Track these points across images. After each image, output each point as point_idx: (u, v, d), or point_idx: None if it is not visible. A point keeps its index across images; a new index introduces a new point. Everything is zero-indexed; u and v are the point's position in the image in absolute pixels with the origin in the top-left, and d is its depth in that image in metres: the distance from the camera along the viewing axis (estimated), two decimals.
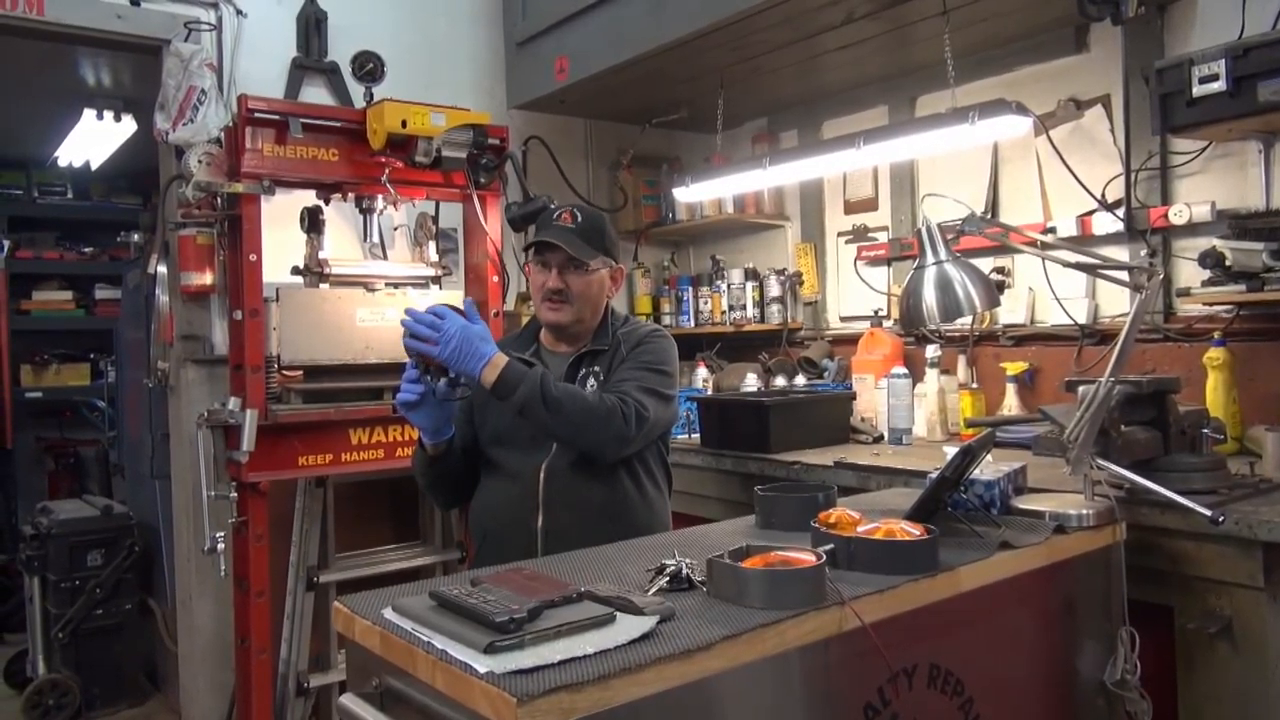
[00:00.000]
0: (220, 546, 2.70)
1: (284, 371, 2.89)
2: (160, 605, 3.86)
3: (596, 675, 1.08)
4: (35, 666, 3.70)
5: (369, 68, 3.32)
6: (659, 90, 3.55)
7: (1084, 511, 1.74)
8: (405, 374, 1.90)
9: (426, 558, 3.28)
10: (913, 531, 1.50)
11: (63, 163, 5.57)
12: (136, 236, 4.24)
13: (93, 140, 4.98)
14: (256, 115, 2.74)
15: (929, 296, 1.76)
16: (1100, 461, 1.81)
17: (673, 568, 1.41)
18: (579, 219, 2.08)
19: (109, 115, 4.45)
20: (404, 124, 2.81)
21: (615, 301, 2.23)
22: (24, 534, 3.82)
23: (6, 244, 5.73)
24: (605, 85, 3.40)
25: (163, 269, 3.15)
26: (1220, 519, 1.65)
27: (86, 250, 5.96)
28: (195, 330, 3.19)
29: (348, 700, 1.28)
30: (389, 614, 1.30)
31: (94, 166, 5.57)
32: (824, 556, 1.36)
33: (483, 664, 1.10)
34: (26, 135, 5.26)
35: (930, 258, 1.78)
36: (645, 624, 1.20)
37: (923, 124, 2.67)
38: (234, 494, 2.74)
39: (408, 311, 1.86)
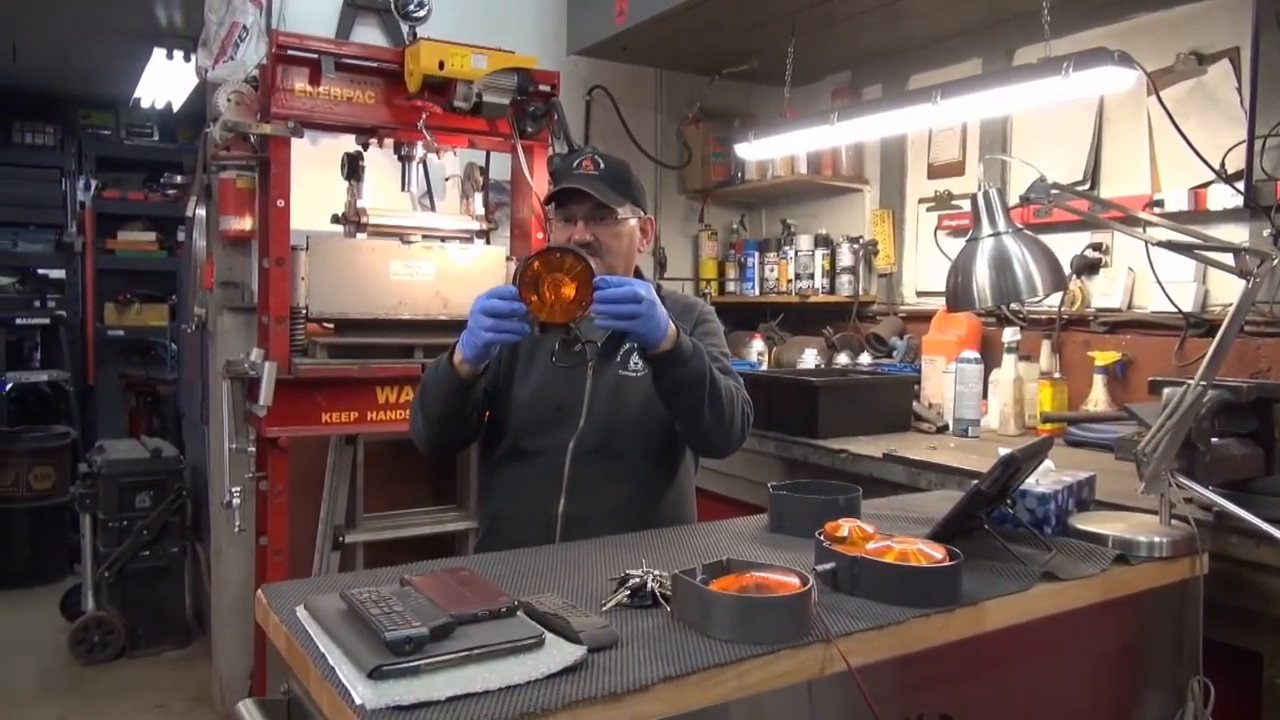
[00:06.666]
0: (236, 502, 2.62)
1: (322, 324, 2.79)
2: (206, 551, 3.86)
3: (491, 718, 0.89)
4: (85, 602, 3.76)
5: (414, 5, 3.13)
6: (726, 38, 3.27)
7: (1156, 539, 1.47)
8: (497, 306, 1.60)
9: (458, 523, 3.14)
10: (933, 554, 1.26)
11: (144, 104, 5.61)
12: (179, 178, 4.17)
13: (166, 81, 4.97)
14: (289, 53, 2.60)
15: (981, 274, 1.49)
16: (1182, 479, 1.53)
17: (636, 580, 1.21)
18: (601, 165, 1.87)
19: (179, 55, 4.41)
20: (441, 65, 2.63)
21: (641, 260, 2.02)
22: (79, 472, 3.87)
23: (95, 184, 5.85)
24: (668, 30, 3.14)
25: (202, 212, 3.07)
26: None
27: (170, 192, 6.02)
28: (234, 277, 3.10)
29: (242, 707, 1.13)
30: (300, 613, 1.14)
31: (175, 108, 5.59)
32: (811, 581, 1.13)
33: (360, 692, 0.92)
34: (110, 76, 5.29)
35: (987, 229, 1.50)
36: (572, 654, 1.00)
37: (1008, 76, 2.34)
38: (252, 448, 2.64)
39: (598, 282, 1.58)
